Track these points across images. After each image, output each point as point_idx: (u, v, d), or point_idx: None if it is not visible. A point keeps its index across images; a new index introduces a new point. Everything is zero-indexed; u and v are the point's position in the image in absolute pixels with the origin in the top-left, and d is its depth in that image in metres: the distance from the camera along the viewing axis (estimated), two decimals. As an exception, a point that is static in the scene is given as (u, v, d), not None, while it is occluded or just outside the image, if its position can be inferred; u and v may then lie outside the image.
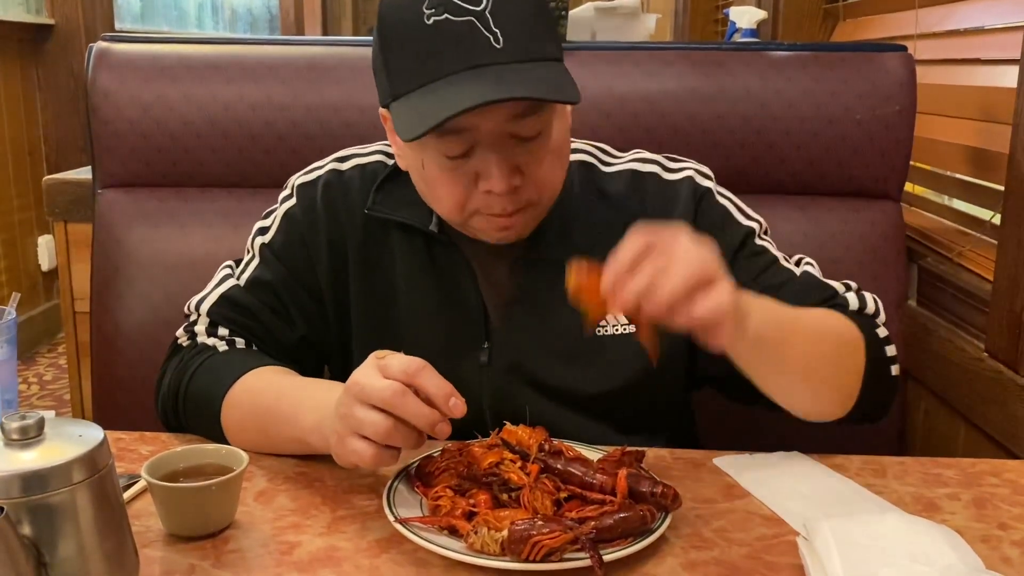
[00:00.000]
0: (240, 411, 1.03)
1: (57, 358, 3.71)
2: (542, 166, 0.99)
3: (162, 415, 1.12)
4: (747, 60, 1.47)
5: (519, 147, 0.96)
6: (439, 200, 1.02)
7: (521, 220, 1.01)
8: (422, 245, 1.10)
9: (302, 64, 1.48)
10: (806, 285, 1.09)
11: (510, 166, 0.96)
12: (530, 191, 0.99)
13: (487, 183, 0.96)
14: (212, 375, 1.06)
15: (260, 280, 1.13)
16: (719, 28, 3.47)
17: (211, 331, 1.11)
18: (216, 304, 1.12)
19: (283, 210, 1.15)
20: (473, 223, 1.02)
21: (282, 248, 1.13)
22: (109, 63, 1.47)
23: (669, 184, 1.12)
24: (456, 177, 0.98)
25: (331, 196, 1.12)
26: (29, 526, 0.66)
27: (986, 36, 1.59)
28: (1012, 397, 1.24)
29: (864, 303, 1.08)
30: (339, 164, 1.15)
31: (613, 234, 0.96)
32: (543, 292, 1.07)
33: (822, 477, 1.01)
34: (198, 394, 1.06)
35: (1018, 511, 0.94)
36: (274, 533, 0.87)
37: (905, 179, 1.47)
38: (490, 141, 0.95)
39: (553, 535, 0.79)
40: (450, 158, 0.97)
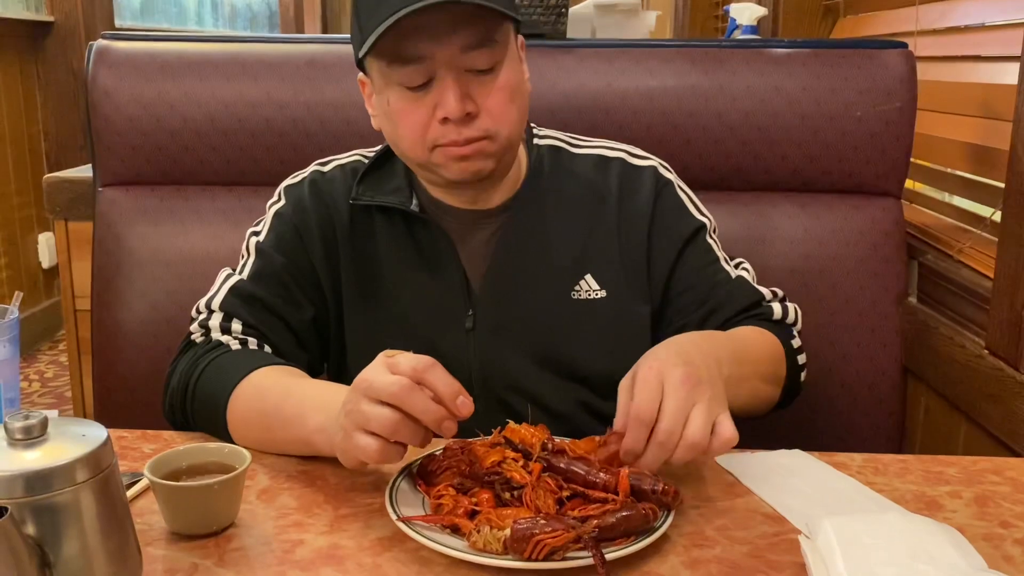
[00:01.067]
0: (245, 409, 1.03)
1: (58, 355, 3.71)
2: (496, 98, 1.06)
3: (168, 411, 1.13)
4: (747, 57, 1.47)
5: (474, 80, 1.05)
6: (402, 137, 1.09)
7: (478, 153, 1.07)
8: (404, 226, 1.17)
9: (302, 62, 1.48)
10: (739, 287, 1.20)
11: (463, 92, 1.04)
12: (485, 121, 1.06)
13: (443, 109, 1.04)
14: (221, 373, 1.06)
15: (262, 272, 1.16)
16: (719, 25, 3.47)
17: (225, 326, 1.12)
18: (227, 298, 1.14)
19: (273, 211, 1.21)
20: (434, 159, 1.08)
21: (276, 241, 1.18)
22: (109, 61, 1.47)
23: (634, 168, 1.21)
24: (416, 108, 1.05)
25: (317, 190, 1.20)
26: (33, 526, 0.66)
27: (987, 33, 1.59)
28: (1013, 394, 1.24)
29: (786, 313, 1.20)
30: (321, 167, 1.23)
31: (582, 207, 1.18)
32: (519, 260, 1.16)
33: (824, 475, 1.01)
34: (205, 390, 1.06)
35: (1020, 509, 0.94)
36: (276, 531, 0.87)
37: (906, 176, 1.47)
38: (445, 71, 1.03)
39: (555, 534, 0.79)
40: (410, 89, 1.05)
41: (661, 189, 1.20)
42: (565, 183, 1.19)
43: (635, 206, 1.18)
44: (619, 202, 1.18)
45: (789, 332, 1.19)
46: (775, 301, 1.20)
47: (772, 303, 1.19)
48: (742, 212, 1.42)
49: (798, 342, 1.19)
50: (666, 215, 1.19)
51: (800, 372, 1.19)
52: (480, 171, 1.09)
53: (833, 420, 1.41)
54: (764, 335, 1.15)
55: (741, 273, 1.21)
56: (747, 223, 1.41)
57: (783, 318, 1.19)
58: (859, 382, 1.43)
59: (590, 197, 1.19)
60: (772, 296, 1.20)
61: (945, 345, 1.43)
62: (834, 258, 1.44)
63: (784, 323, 1.20)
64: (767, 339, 1.15)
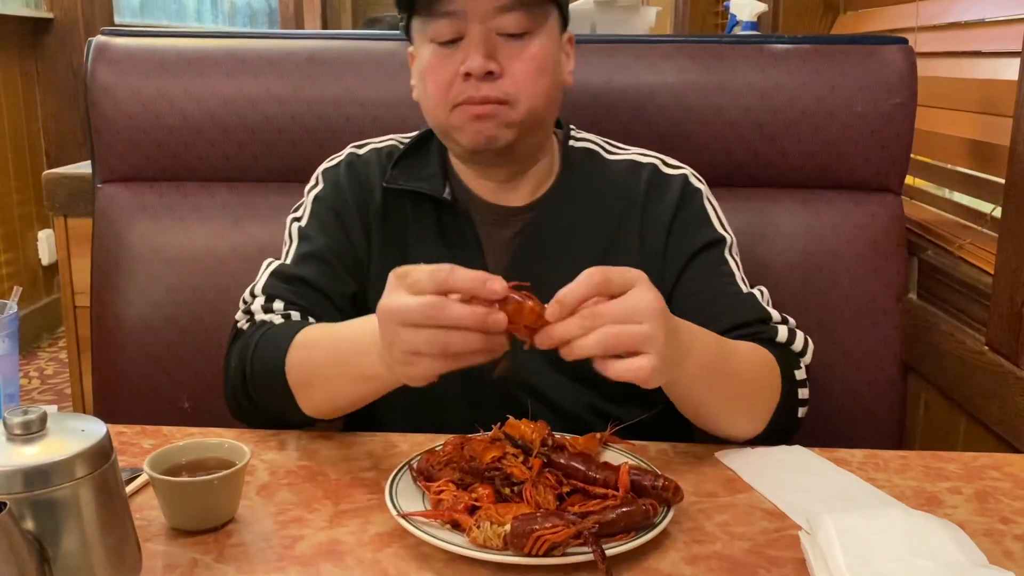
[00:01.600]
0: (304, 369, 1.02)
1: (58, 352, 3.71)
2: (522, 65, 1.07)
3: (232, 402, 1.11)
4: (748, 53, 1.46)
5: (503, 44, 1.07)
6: (429, 96, 1.10)
7: (494, 116, 1.07)
8: (433, 214, 1.17)
9: (301, 58, 1.47)
10: (745, 301, 1.14)
11: (489, 51, 1.05)
12: (506, 84, 1.06)
13: (465, 64, 1.05)
14: (272, 344, 1.05)
15: (306, 254, 1.17)
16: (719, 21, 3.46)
17: (267, 307, 1.12)
18: (268, 281, 1.15)
19: (312, 196, 1.22)
20: (454, 119, 1.08)
21: (318, 224, 1.19)
22: (108, 57, 1.47)
23: (665, 176, 1.20)
24: (444, 65, 1.07)
25: (354, 172, 1.21)
26: (32, 521, 0.66)
27: (987, 28, 1.59)
28: (1013, 391, 1.24)
29: (792, 338, 1.12)
30: (357, 149, 1.24)
31: (608, 212, 1.17)
32: (540, 260, 1.15)
33: (824, 471, 1.01)
34: (263, 366, 1.05)
35: (1020, 505, 0.94)
36: (276, 527, 0.87)
37: (906, 172, 1.46)
38: (475, 27, 1.05)
39: (556, 529, 0.79)
40: (441, 44, 1.07)
41: (688, 197, 1.19)
42: (594, 187, 1.18)
43: (659, 212, 1.17)
44: (644, 207, 1.18)
45: (793, 361, 1.10)
46: (783, 325, 1.13)
47: (778, 325, 1.12)
48: (742, 208, 1.41)
49: (802, 374, 1.10)
50: (687, 222, 1.17)
51: (798, 408, 1.09)
52: (494, 138, 1.08)
53: (833, 416, 1.41)
54: (760, 352, 1.07)
55: (754, 292, 1.16)
56: (747, 219, 1.41)
57: (788, 343, 1.11)
58: (859, 378, 1.43)
59: (617, 202, 1.18)
60: (782, 320, 1.13)
61: (945, 341, 1.43)
62: (834, 254, 1.44)
63: (788, 349, 1.11)
64: (762, 357, 1.07)
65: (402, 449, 1.04)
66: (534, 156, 1.16)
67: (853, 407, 1.43)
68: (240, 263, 1.41)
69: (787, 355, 1.11)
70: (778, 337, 1.11)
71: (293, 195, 1.27)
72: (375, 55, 1.48)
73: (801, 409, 1.10)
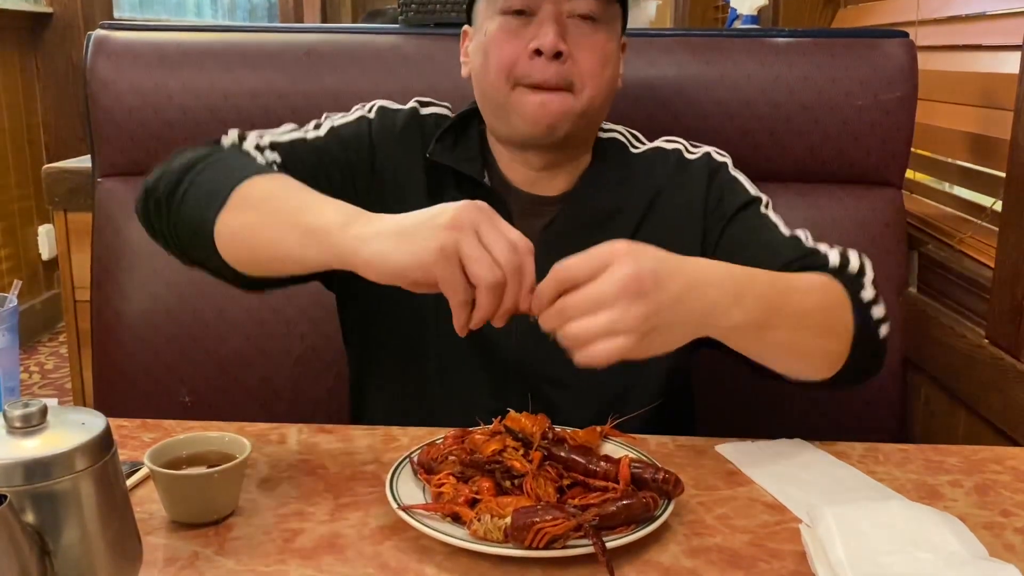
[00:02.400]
0: (253, 192, 0.93)
1: (58, 347, 3.71)
2: (590, 53, 1.07)
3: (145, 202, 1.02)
4: (748, 47, 1.46)
5: (574, 27, 1.07)
6: (490, 69, 1.09)
7: (558, 103, 1.07)
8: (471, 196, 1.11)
9: (301, 51, 1.47)
10: (788, 242, 1.10)
11: (561, 30, 1.06)
12: (573, 71, 1.07)
13: (537, 41, 1.05)
14: (229, 163, 0.99)
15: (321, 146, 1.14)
16: (719, 15, 3.46)
17: (246, 139, 1.09)
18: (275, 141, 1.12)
19: (358, 115, 1.20)
20: (514, 99, 1.08)
21: (348, 135, 1.16)
22: (108, 51, 1.47)
23: (688, 160, 1.21)
24: (511, 39, 1.07)
25: (410, 132, 1.18)
26: (32, 514, 0.65)
27: (987, 22, 1.58)
28: (1013, 384, 1.24)
29: (847, 261, 1.05)
30: (421, 107, 1.21)
31: (636, 204, 1.17)
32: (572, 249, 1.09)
33: (824, 464, 1.01)
34: (206, 175, 0.97)
35: (1020, 498, 0.94)
36: (277, 520, 0.87)
37: (906, 166, 1.46)
38: (549, 6, 1.06)
39: (556, 522, 0.79)
40: (511, 14, 1.08)
41: (714, 172, 1.18)
42: (624, 177, 1.18)
43: (688, 194, 1.17)
44: (672, 193, 1.17)
45: (855, 283, 1.02)
46: (832, 251, 1.06)
47: (828, 252, 1.06)
48: (742, 202, 1.42)
49: (870, 293, 1.02)
50: (719, 194, 1.17)
51: (879, 327, 1.01)
52: (554, 128, 1.08)
53: (834, 409, 1.41)
54: (821, 279, 1.00)
55: (797, 232, 1.11)
56: (747, 213, 1.41)
57: (843, 266, 1.03)
58: (859, 372, 1.43)
59: (646, 191, 1.17)
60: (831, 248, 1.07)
61: (946, 335, 1.43)
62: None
63: (845, 273, 1.03)
64: (821, 282, 1.00)
65: (402, 442, 1.04)
66: (578, 149, 1.16)
67: (853, 400, 1.43)
68: (240, 257, 1.41)
69: (846, 279, 1.02)
70: (830, 263, 1.05)
71: (293, 189, 1.27)
72: (375, 49, 1.48)
73: (883, 327, 1.02)
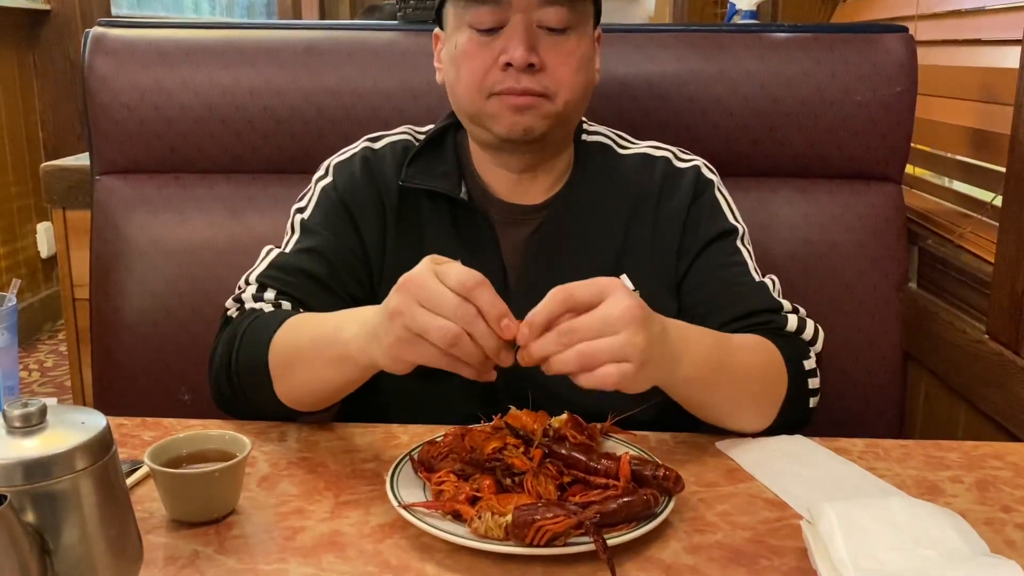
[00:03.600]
0: (284, 351, 1.00)
1: (57, 345, 3.71)
2: (562, 60, 1.07)
3: (216, 392, 1.10)
4: (747, 42, 1.46)
5: (544, 37, 1.07)
6: (462, 80, 1.09)
7: (532, 108, 1.07)
8: (448, 213, 1.16)
9: (299, 48, 1.47)
10: (755, 290, 1.14)
11: (531, 43, 1.05)
12: (547, 79, 1.07)
13: (507, 54, 1.05)
14: (259, 330, 1.04)
15: (307, 247, 1.14)
16: (719, 10, 3.46)
17: (258, 296, 1.10)
18: (265, 271, 1.13)
19: (319, 188, 1.19)
20: (488, 108, 1.08)
21: (323, 219, 1.16)
22: (106, 49, 1.46)
23: (678, 169, 1.20)
24: (482, 52, 1.07)
25: (369, 168, 1.18)
26: (33, 514, 0.65)
27: (987, 16, 1.58)
28: (1013, 379, 1.24)
29: (803, 327, 1.11)
30: (372, 143, 1.21)
31: (623, 208, 1.17)
32: (557, 258, 1.14)
33: (825, 461, 1.01)
34: (248, 352, 1.04)
35: (1021, 494, 0.94)
36: (277, 519, 0.87)
37: (906, 161, 1.46)
38: (518, 17, 1.05)
39: (557, 520, 0.79)
40: (480, 32, 1.07)
41: (700, 188, 1.18)
42: (609, 183, 1.18)
43: (673, 206, 1.17)
44: (658, 202, 1.17)
45: (802, 350, 1.09)
46: (793, 314, 1.11)
47: (788, 315, 1.11)
48: (742, 198, 1.40)
49: (812, 364, 1.09)
50: (700, 214, 1.17)
51: (808, 398, 1.08)
52: (531, 129, 1.08)
53: (834, 406, 1.40)
54: (764, 345, 1.06)
55: (765, 280, 1.15)
56: (747, 209, 1.40)
57: (797, 332, 1.10)
58: (860, 368, 1.43)
59: (631, 198, 1.17)
60: (792, 310, 1.12)
61: (946, 330, 1.43)
62: (834, 244, 1.44)
63: (798, 338, 1.10)
64: (766, 351, 1.05)
65: (403, 440, 1.04)
66: (558, 149, 1.16)
67: (854, 396, 1.43)
68: (239, 254, 1.40)
69: (796, 345, 1.09)
70: (787, 326, 1.10)
71: (291, 186, 1.27)
72: (373, 45, 1.47)
73: (812, 399, 1.09)
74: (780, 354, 1.06)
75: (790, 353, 1.07)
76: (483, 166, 1.17)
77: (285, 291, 1.11)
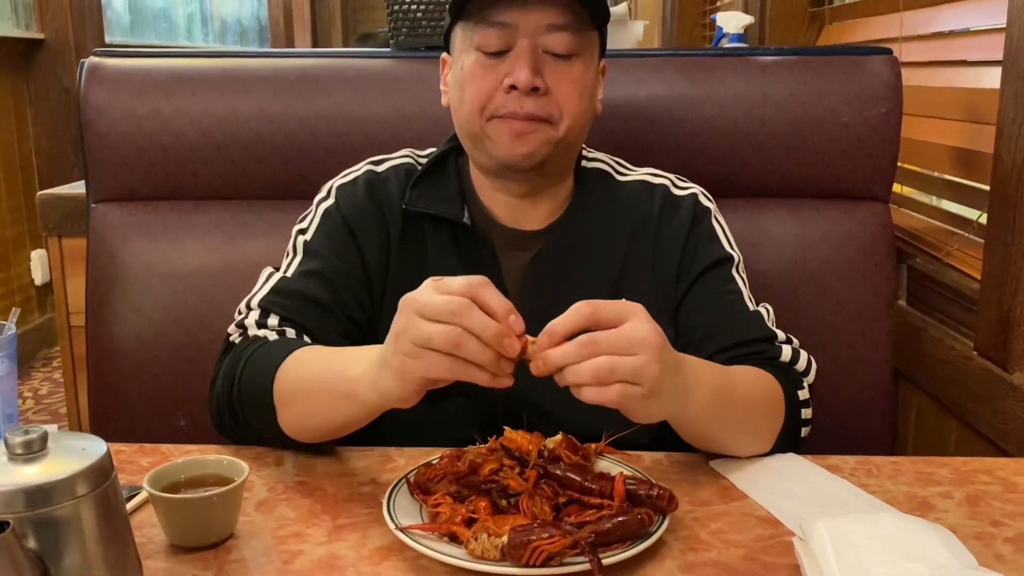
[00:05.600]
0: (290, 383, 1.00)
1: (52, 372, 3.71)
2: (566, 86, 1.08)
3: (216, 416, 1.10)
4: (734, 65, 1.48)
5: (549, 63, 1.08)
6: (466, 102, 1.10)
7: (534, 133, 1.08)
8: (451, 237, 1.16)
9: (293, 76, 1.48)
10: (751, 320, 1.15)
11: (536, 67, 1.07)
12: (550, 105, 1.08)
13: (512, 77, 1.06)
14: (264, 360, 1.04)
15: (309, 270, 1.14)
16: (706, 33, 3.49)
17: (262, 322, 1.10)
18: (267, 296, 1.13)
19: (321, 210, 1.19)
20: (490, 130, 1.09)
21: (327, 240, 1.16)
22: (101, 78, 1.48)
23: (676, 196, 1.21)
24: (487, 74, 1.08)
25: (373, 191, 1.18)
26: (34, 539, 0.66)
27: (970, 38, 1.61)
28: (1001, 395, 1.26)
29: (796, 358, 1.12)
30: (374, 166, 1.22)
31: (622, 235, 1.18)
32: (556, 285, 1.15)
33: (817, 478, 1.02)
34: (252, 381, 1.04)
35: (1011, 508, 0.95)
36: (275, 542, 0.88)
37: (893, 180, 1.48)
38: (524, 42, 1.06)
39: (552, 540, 0.79)
40: (486, 54, 1.08)
41: (698, 217, 1.20)
42: (609, 211, 1.19)
43: (671, 234, 1.18)
44: (657, 230, 1.18)
45: (796, 381, 1.11)
46: (787, 345, 1.13)
47: (782, 345, 1.13)
48: (732, 218, 1.42)
49: (805, 394, 1.11)
50: (697, 242, 1.18)
51: (801, 428, 1.10)
52: (532, 154, 1.08)
53: (826, 423, 1.41)
54: (763, 378, 1.07)
55: (759, 310, 1.17)
56: (737, 229, 1.41)
57: (791, 363, 1.12)
58: (851, 385, 1.44)
59: (630, 225, 1.18)
60: (786, 340, 1.14)
61: (935, 347, 1.44)
62: (824, 262, 1.45)
63: (791, 369, 1.12)
64: (766, 383, 1.07)
65: (399, 463, 1.05)
66: (559, 175, 1.17)
67: (845, 414, 1.44)
68: (235, 280, 1.42)
69: (790, 376, 1.11)
70: (781, 357, 1.11)
71: (286, 211, 1.28)
72: (366, 72, 1.49)
73: (804, 429, 1.10)
74: (779, 386, 1.08)
75: (786, 384, 1.09)
76: (484, 191, 1.18)
77: (288, 316, 1.11)
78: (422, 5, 1.55)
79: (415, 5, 1.55)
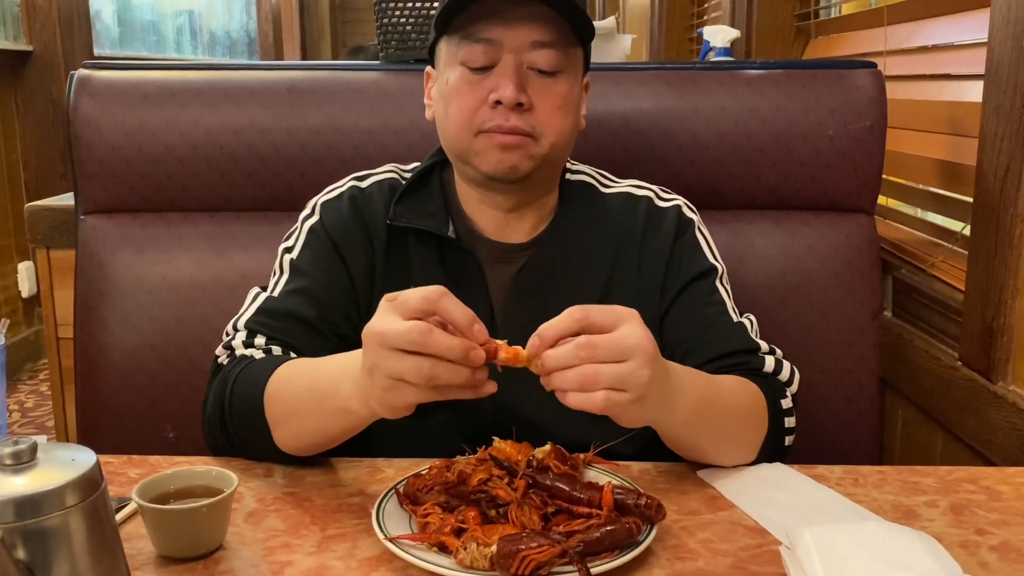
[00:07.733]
0: (281, 402, 1.01)
1: (38, 385, 3.69)
2: (550, 102, 1.09)
3: (209, 437, 1.10)
4: (721, 79, 1.49)
5: (534, 79, 1.09)
6: (451, 117, 1.11)
7: (519, 147, 1.08)
8: (436, 251, 1.17)
9: (283, 88, 1.49)
10: (734, 331, 1.16)
11: (520, 82, 1.07)
12: (534, 119, 1.08)
13: (497, 92, 1.07)
14: (251, 378, 1.04)
15: (295, 288, 1.15)
16: (693, 47, 3.52)
17: (248, 342, 1.11)
18: (253, 316, 1.13)
19: (307, 227, 1.19)
20: (476, 145, 1.10)
21: (312, 258, 1.17)
22: (90, 90, 1.48)
23: (660, 208, 1.22)
24: (472, 90, 1.09)
25: (357, 207, 1.19)
26: (24, 550, 0.66)
27: (953, 52, 1.63)
28: (986, 404, 1.27)
29: (779, 368, 1.14)
30: (359, 182, 1.22)
31: (607, 246, 1.18)
32: (542, 297, 1.15)
33: (804, 487, 1.03)
34: (242, 400, 1.04)
35: (995, 517, 0.96)
36: (265, 553, 0.88)
37: (878, 192, 1.49)
38: (509, 58, 1.07)
39: (541, 549, 0.80)
40: (472, 70, 1.09)
41: (683, 228, 1.21)
42: (593, 222, 1.19)
43: (655, 245, 1.19)
44: (641, 242, 1.19)
45: (779, 390, 1.12)
46: (770, 355, 1.14)
47: (765, 356, 1.13)
48: (718, 230, 1.43)
49: (788, 403, 1.12)
50: (683, 254, 1.19)
51: (785, 436, 1.11)
52: (516, 168, 1.09)
53: (812, 433, 1.42)
54: (747, 387, 1.08)
55: (743, 321, 1.17)
56: (723, 241, 1.43)
57: (774, 373, 1.13)
58: (837, 396, 1.45)
59: (615, 237, 1.19)
60: (769, 351, 1.15)
61: (920, 358, 1.46)
62: (810, 274, 1.46)
63: (775, 379, 1.13)
64: (749, 392, 1.08)
65: (388, 474, 1.05)
66: (543, 189, 1.17)
67: (832, 424, 1.45)
68: (224, 292, 1.42)
69: (773, 385, 1.12)
70: (765, 367, 1.12)
71: (275, 224, 1.28)
72: (355, 85, 1.50)
73: (788, 438, 1.11)
74: (762, 395, 1.09)
75: (769, 393, 1.10)
76: (469, 204, 1.19)
77: (275, 336, 1.11)
78: (411, 18, 1.56)
79: (404, 18, 1.56)
